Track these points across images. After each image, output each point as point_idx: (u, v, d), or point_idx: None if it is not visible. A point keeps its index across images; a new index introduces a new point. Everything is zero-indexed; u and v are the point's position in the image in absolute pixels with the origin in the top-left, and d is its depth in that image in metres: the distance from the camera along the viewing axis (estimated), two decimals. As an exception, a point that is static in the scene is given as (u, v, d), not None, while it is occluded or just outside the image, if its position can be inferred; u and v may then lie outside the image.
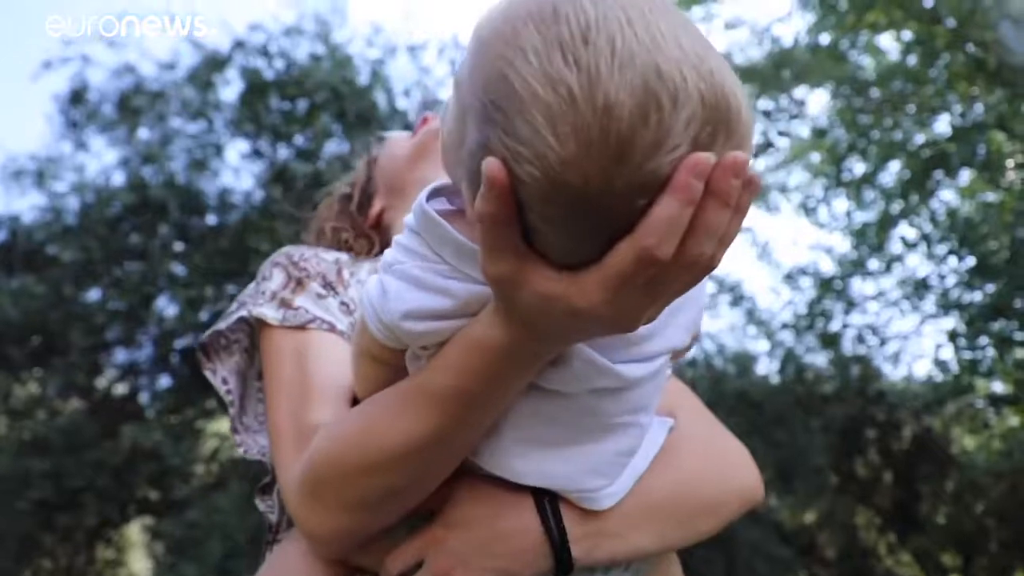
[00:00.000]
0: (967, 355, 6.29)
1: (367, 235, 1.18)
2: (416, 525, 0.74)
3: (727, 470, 0.88)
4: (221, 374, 1.00)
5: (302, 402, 0.83)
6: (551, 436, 0.69)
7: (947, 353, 6.74)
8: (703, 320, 0.76)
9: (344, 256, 1.07)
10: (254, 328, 0.98)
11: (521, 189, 0.48)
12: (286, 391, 0.86)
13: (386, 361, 0.69)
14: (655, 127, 0.44)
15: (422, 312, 0.62)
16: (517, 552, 0.71)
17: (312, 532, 0.73)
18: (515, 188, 0.48)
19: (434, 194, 0.65)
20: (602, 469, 0.71)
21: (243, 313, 0.96)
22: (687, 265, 0.50)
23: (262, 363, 0.96)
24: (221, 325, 0.99)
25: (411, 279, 0.62)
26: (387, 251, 0.67)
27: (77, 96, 7.21)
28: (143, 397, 7.72)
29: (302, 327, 0.91)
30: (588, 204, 0.46)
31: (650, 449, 0.76)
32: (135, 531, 8.72)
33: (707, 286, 0.73)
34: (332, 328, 0.92)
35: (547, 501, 0.72)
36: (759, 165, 8.28)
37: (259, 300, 0.95)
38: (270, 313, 0.93)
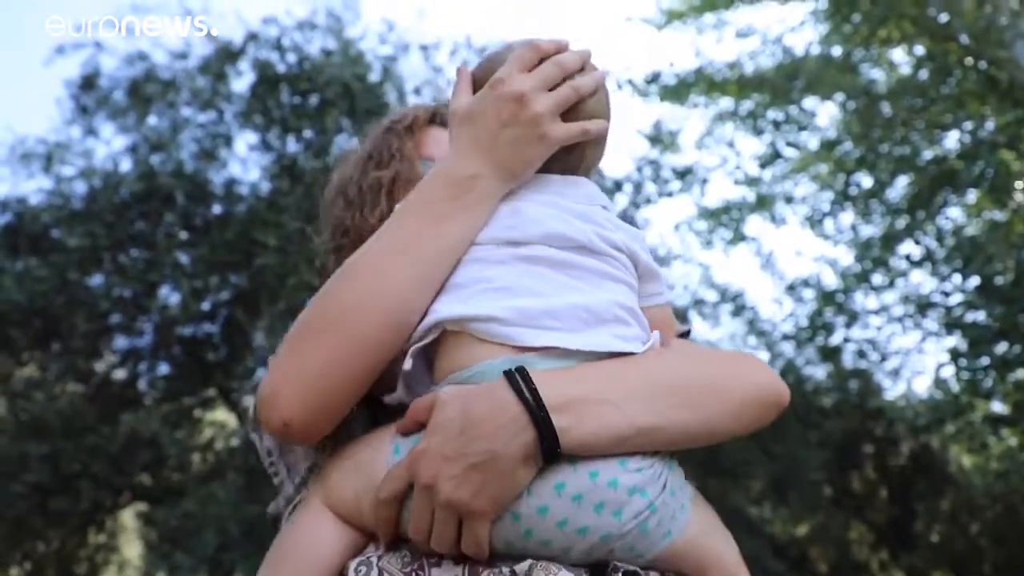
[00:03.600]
0: (967, 375, 6.27)
1: None
2: None
3: (740, 364, 0.86)
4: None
5: None
6: (508, 281, 0.76)
7: (948, 372, 6.72)
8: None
9: None
10: None
11: None
12: None
13: None
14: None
15: None
16: (495, 430, 0.68)
17: (278, 408, 0.74)
18: None
19: None
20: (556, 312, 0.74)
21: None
22: None
23: None
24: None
25: None
26: None
27: (88, 82, 7.23)
28: (142, 383, 7.73)
29: None
30: None
31: (629, 333, 0.77)
32: (128, 517, 8.74)
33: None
34: None
35: (516, 371, 0.70)
36: (766, 175, 8.26)
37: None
38: None
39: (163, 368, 7.65)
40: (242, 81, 7.24)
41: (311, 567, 0.74)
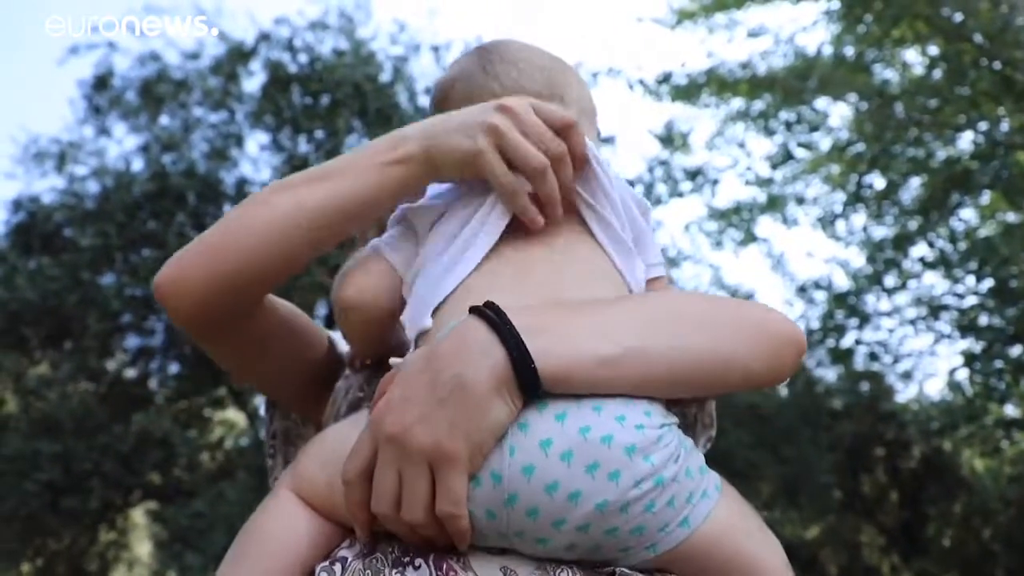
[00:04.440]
0: (981, 378, 6.21)
1: None
2: None
3: (750, 302, 0.77)
4: None
5: None
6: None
7: (961, 375, 6.66)
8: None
9: None
10: None
11: None
12: None
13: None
14: None
15: None
16: (461, 357, 0.60)
17: (180, 283, 0.81)
18: None
19: None
20: None
21: None
22: None
23: None
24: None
25: None
26: None
27: (101, 82, 7.27)
28: (153, 383, 7.77)
29: None
30: None
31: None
32: (139, 515, 8.79)
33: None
34: None
35: (483, 304, 0.63)
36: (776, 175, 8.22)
37: None
38: None
39: (174, 367, 7.69)
40: (254, 81, 7.28)
41: (277, 563, 0.66)
